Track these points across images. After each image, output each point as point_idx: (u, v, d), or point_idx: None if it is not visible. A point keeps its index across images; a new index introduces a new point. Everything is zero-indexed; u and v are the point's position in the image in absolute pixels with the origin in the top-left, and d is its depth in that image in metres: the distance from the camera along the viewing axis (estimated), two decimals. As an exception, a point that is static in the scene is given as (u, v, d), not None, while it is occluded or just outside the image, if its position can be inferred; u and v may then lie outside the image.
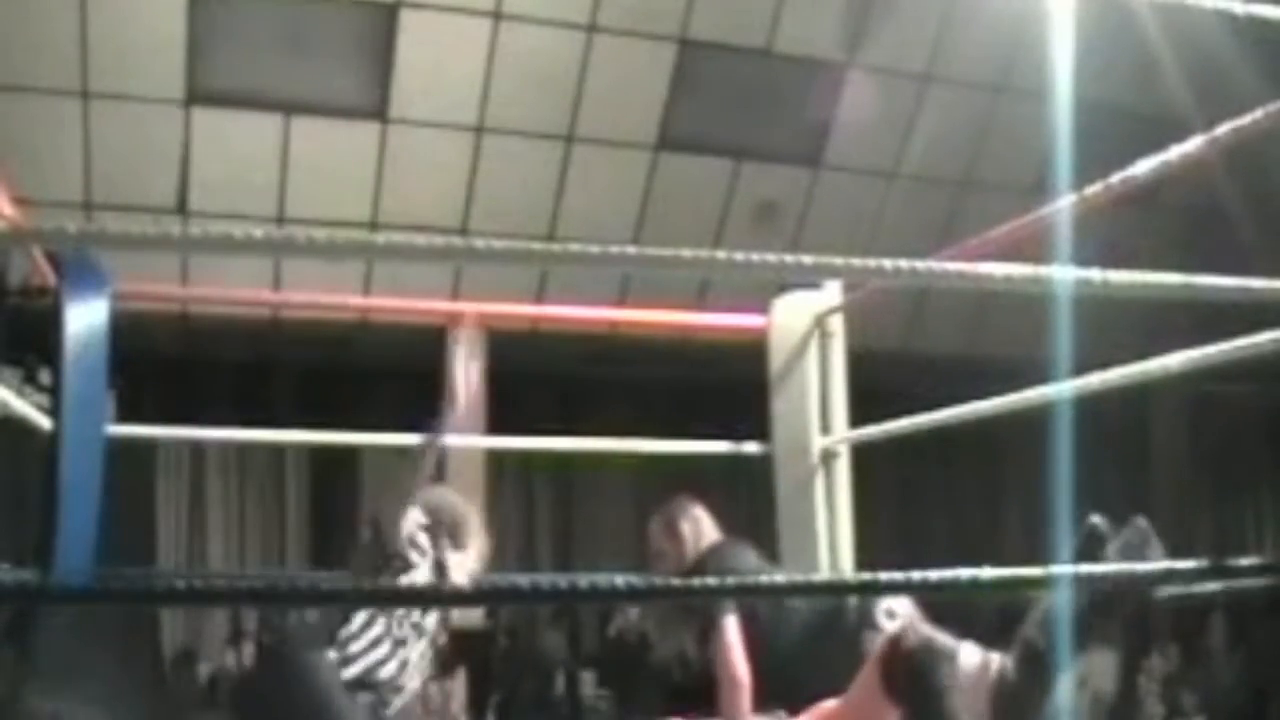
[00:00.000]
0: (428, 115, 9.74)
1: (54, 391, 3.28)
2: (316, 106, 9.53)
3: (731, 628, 3.26)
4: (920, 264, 2.02)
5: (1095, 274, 1.94)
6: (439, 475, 3.77)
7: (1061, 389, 3.03)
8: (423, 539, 3.32)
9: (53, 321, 3.19)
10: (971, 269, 2.04)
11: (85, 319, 3.24)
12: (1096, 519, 2.58)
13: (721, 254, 1.85)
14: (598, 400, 10.95)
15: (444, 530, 3.38)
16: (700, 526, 3.59)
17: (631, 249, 1.82)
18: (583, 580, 1.78)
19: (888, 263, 1.88)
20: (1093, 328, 2.86)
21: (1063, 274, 1.99)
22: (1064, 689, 2.53)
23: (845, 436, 3.99)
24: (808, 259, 1.87)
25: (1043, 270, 1.99)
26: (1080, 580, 2.12)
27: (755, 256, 1.80)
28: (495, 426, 10.39)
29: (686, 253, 1.81)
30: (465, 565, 3.39)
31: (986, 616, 4.31)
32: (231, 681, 9.57)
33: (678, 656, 9.46)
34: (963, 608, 4.83)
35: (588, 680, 10.40)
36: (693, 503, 3.65)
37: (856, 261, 1.96)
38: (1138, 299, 2.20)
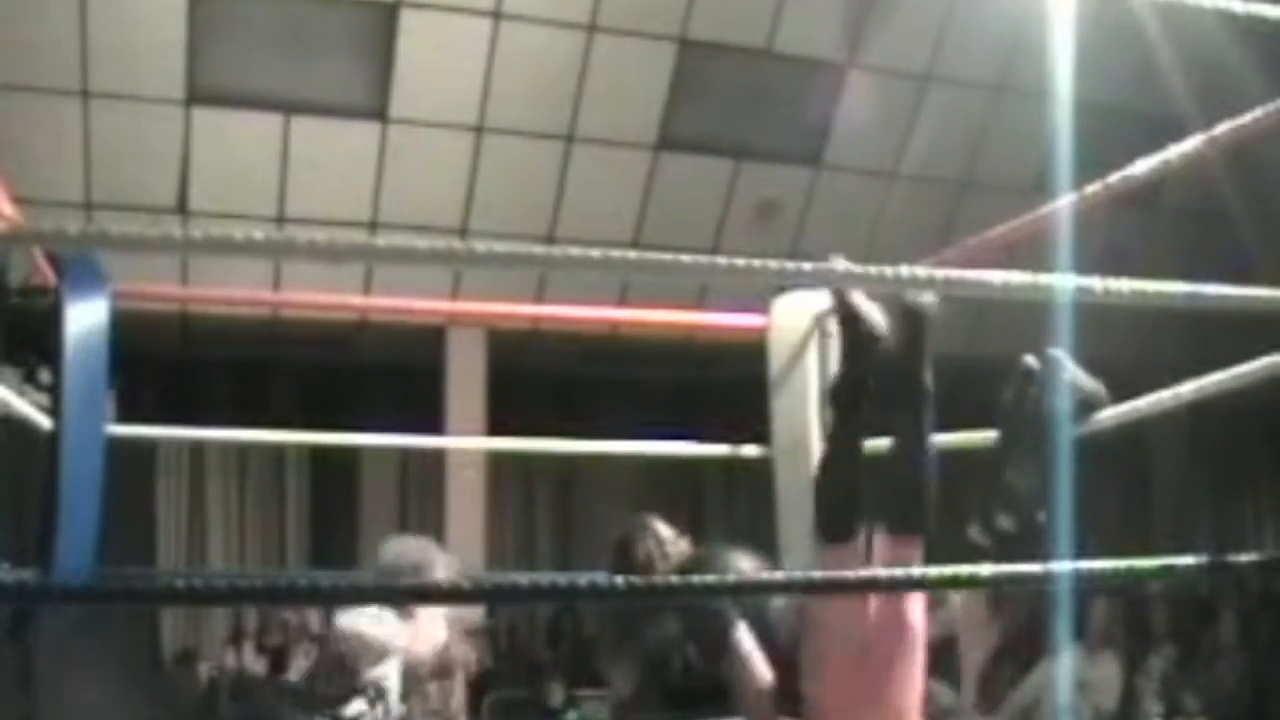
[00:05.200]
0: (428, 115, 9.74)
1: (54, 391, 3.28)
2: (316, 106, 9.53)
3: (745, 637, 3.13)
4: (921, 270, 2.01)
5: (1095, 282, 1.93)
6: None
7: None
8: None
9: (53, 321, 3.19)
10: (970, 276, 2.03)
11: (85, 319, 3.24)
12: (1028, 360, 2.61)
13: (721, 260, 1.84)
14: (598, 400, 10.95)
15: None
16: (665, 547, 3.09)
17: (631, 253, 1.82)
18: (583, 580, 1.78)
19: (888, 270, 1.87)
20: (1093, 326, 2.86)
21: (1062, 282, 1.98)
22: (1064, 693, 2.53)
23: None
24: (806, 265, 1.87)
25: (1042, 278, 1.99)
26: (1080, 577, 2.12)
27: (756, 262, 1.80)
28: (495, 427, 10.46)
29: (686, 258, 1.81)
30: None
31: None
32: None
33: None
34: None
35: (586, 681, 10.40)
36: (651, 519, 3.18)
37: (856, 268, 1.95)
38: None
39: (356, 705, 3.40)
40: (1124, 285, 1.92)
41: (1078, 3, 5.86)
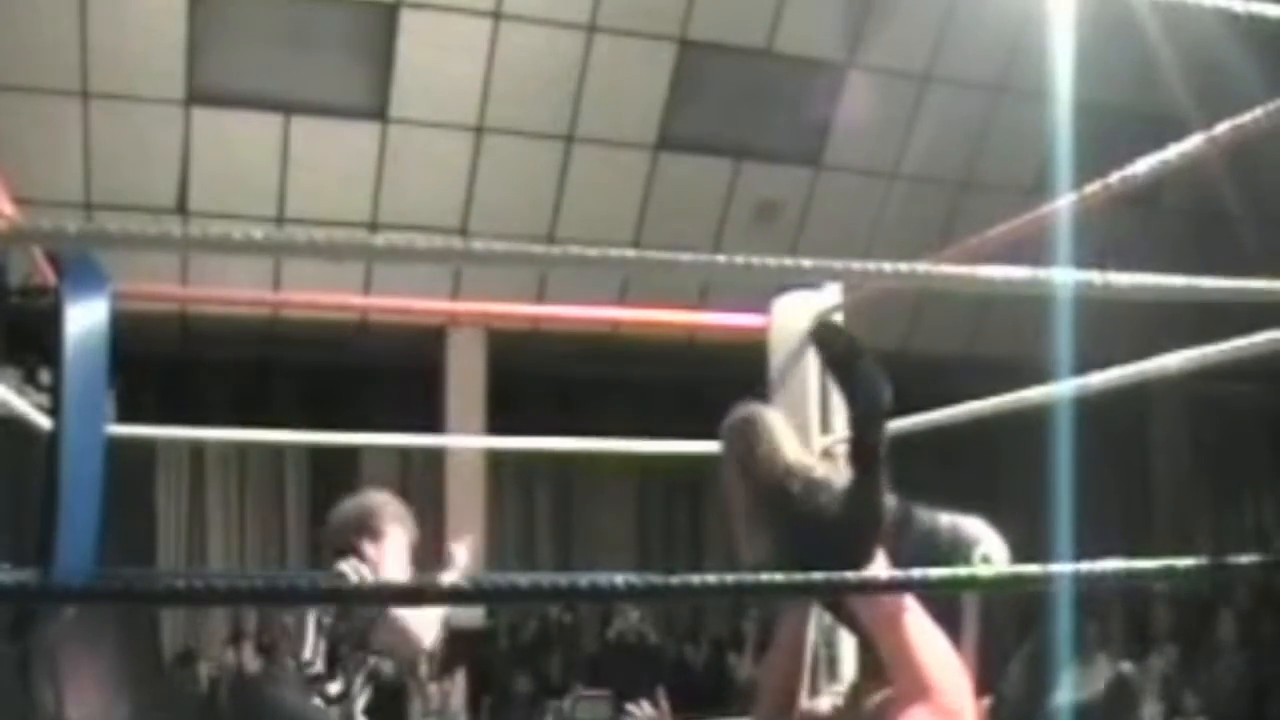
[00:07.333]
0: (428, 115, 9.75)
1: (54, 391, 3.28)
2: (316, 106, 9.53)
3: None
4: (920, 266, 2.01)
5: (1096, 276, 1.94)
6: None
7: (1061, 388, 3.03)
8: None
9: (53, 321, 3.19)
10: (971, 272, 2.04)
11: (85, 319, 3.24)
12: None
13: (721, 258, 1.84)
14: (598, 400, 10.95)
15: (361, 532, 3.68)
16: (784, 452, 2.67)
17: (630, 251, 1.82)
18: (583, 580, 1.78)
19: (887, 265, 1.88)
20: (1093, 328, 2.86)
21: (1063, 276, 1.98)
22: (1062, 693, 2.53)
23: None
24: (806, 262, 1.87)
25: (1042, 272, 1.99)
26: (1080, 578, 2.12)
27: (755, 260, 1.80)
28: (495, 426, 10.46)
29: (685, 256, 1.81)
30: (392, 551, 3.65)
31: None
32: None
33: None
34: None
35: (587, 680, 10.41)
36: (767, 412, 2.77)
37: (855, 264, 1.95)
38: (1138, 301, 2.20)
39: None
40: (1123, 279, 1.92)
41: (1078, 3, 5.86)
